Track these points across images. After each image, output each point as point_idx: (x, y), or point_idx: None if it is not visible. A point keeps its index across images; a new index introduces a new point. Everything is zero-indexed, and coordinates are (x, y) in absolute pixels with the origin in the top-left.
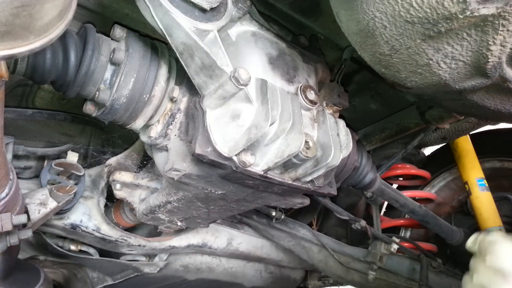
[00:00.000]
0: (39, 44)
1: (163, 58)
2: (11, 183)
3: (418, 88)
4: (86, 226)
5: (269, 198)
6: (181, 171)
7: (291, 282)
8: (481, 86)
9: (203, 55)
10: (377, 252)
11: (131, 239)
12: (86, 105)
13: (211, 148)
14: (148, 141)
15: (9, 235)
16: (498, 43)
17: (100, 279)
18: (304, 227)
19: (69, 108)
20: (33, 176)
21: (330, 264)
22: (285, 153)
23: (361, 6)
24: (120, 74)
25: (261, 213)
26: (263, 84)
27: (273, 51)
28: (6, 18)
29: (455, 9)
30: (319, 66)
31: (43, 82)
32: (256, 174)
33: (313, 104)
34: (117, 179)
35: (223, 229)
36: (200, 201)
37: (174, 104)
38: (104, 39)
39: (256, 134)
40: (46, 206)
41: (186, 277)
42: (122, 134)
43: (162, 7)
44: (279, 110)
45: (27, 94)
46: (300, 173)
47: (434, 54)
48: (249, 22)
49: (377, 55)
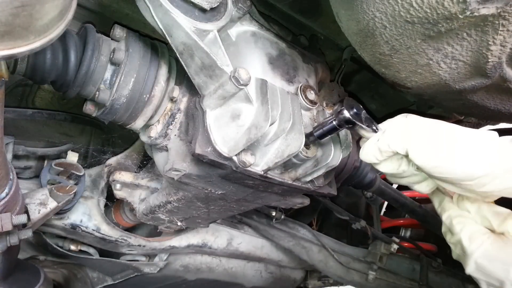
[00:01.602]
0: (39, 44)
1: (163, 58)
2: (11, 183)
3: (418, 88)
4: (86, 226)
5: (269, 198)
6: (181, 171)
7: (291, 282)
8: (481, 86)
9: (203, 55)
10: (377, 252)
11: (131, 239)
12: (86, 105)
13: (211, 148)
14: (148, 141)
15: (9, 235)
16: (498, 43)
17: (100, 279)
18: (304, 227)
19: (69, 108)
20: (33, 176)
21: (330, 264)
22: (285, 153)
23: (361, 6)
24: (120, 74)
25: (261, 213)
26: (263, 84)
27: (273, 51)
28: (6, 18)
29: (455, 9)
30: (319, 66)
31: (43, 82)
32: (256, 174)
33: (313, 104)
34: (117, 179)
35: (223, 229)
36: (200, 201)
37: (174, 104)
38: (104, 39)
39: (256, 134)
40: (46, 206)
41: (186, 277)
42: (122, 134)
43: (162, 7)
44: (279, 110)
45: (27, 94)
46: (300, 173)
47: (434, 54)
48: (249, 22)
49: (377, 55)
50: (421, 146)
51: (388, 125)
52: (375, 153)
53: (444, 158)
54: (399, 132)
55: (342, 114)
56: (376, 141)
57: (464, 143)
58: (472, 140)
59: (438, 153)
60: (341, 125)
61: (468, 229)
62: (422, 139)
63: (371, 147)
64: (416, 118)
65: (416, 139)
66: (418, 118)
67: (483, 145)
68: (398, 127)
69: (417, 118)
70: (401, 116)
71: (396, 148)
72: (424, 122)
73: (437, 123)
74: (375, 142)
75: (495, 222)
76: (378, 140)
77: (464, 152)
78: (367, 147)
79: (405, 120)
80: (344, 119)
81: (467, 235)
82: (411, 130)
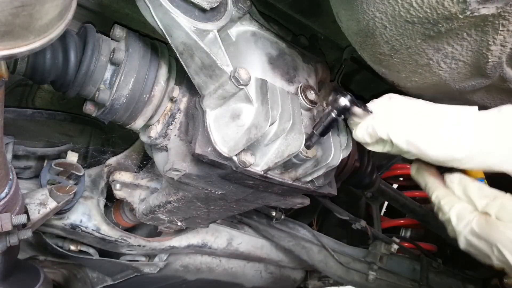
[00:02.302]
0: (39, 44)
1: (163, 58)
2: (11, 183)
3: (418, 88)
4: (86, 226)
5: (269, 198)
6: (181, 171)
7: (291, 282)
8: (481, 86)
9: (203, 55)
10: (377, 252)
11: (131, 239)
12: (86, 105)
13: (211, 148)
14: (148, 141)
15: (9, 235)
16: (498, 43)
17: (100, 279)
18: (304, 227)
19: (69, 108)
20: (33, 176)
21: (330, 264)
22: (285, 153)
23: (361, 6)
24: (120, 74)
25: (261, 213)
26: (263, 84)
27: (273, 51)
28: (6, 18)
29: (455, 9)
30: (319, 66)
31: (43, 82)
32: (256, 174)
33: (313, 104)
34: (117, 179)
35: (223, 229)
36: (200, 201)
37: (174, 104)
38: (104, 39)
39: (256, 134)
40: (46, 206)
41: (186, 277)
42: (122, 134)
43: (162, 7)
44: (279, 110)
45: (27, 94)
46: (300, 173)
47: (434, 54)
48: (249, 22)
49: (377, 55)
50: (401, 132)
51: (373, 107)
52: (365, 136)
53: (425, 143)
54: (382, 117)
55: (338, 102)
56: (366, 126)
57: (444, 124)
58: (451, 120)
59: (418, 138)
60: (340, 114)
61: (455, 208)
62: (403, 125)
63: (363, 129)
64: (398, 101)
65: (397, 125)
66: (400, 101)
67: (462, 124)
68: (381, 112)
69: (399, 100)
70: (385, 97)
71: (380, 134)
72: (406, 105)
73: (419, 105)
74: (365, 127)
75: (480, 204)
76: (367, 125)
77: (443, 135)
78: (359, 129)
79: (388, 104)
80: (343, 107)
81: (455, 214)
82: (393, 115)
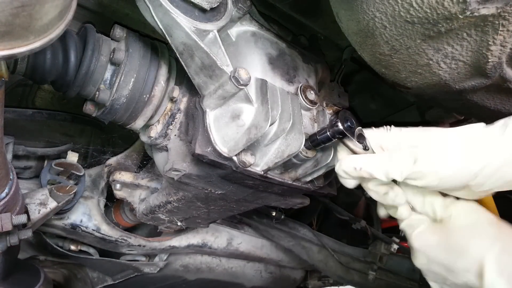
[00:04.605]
0: (39, 44)
1: (163, 58)
2: (11, 183)
3: (418, 88)
4: (86, 226)
5: (269, 198)
6: (181, 171)
7: (291, 282)
8: (481, 86)
9: (203, 55)
10: (377, 252)
11: (131, 239)
12: (86, 105)
13: (211, 148)
14: (148, 141)
15: (9, 235)
16: (498, 43)
17: (100, 279)
18: (304, 227)
19: (69, 108)
20: (33, 176)
21: (330, 264)
22: (285, 153)
23: (361, 6)
24: (120, 74)
25: (261, 213)
26: (263, 84)
27: (273, 51)
28: (6, 18)
29: (455, 9)
30: (319, 66)
31: (43, 82)
32: (256, 174)
33: (313, 104)
34: (117, 179)
35: (223, 229)
36: (200, 201)
37: (174, 104)
38: (104, 39)
39: (256, 134)
40: (46, 206)
41: (186, 277)
42: (122, 134)
43: (162, 7)
44: (279, 110)
45: (27, 94)
46: (300, 173)
47: (434, 54)
48: (249, 22)
49: (377, 55)
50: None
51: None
52: (351, 173)
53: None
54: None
55: (336, 127)
56: (382, 163)
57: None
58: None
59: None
60: (334, 136)
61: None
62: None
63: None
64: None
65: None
66: (407, 132)
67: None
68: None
69: (406, 132)
70: (393, 132)
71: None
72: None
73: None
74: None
75: (439, 211)
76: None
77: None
78: (345, 164)
79: (399, 134)
80: (338, 131)
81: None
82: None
